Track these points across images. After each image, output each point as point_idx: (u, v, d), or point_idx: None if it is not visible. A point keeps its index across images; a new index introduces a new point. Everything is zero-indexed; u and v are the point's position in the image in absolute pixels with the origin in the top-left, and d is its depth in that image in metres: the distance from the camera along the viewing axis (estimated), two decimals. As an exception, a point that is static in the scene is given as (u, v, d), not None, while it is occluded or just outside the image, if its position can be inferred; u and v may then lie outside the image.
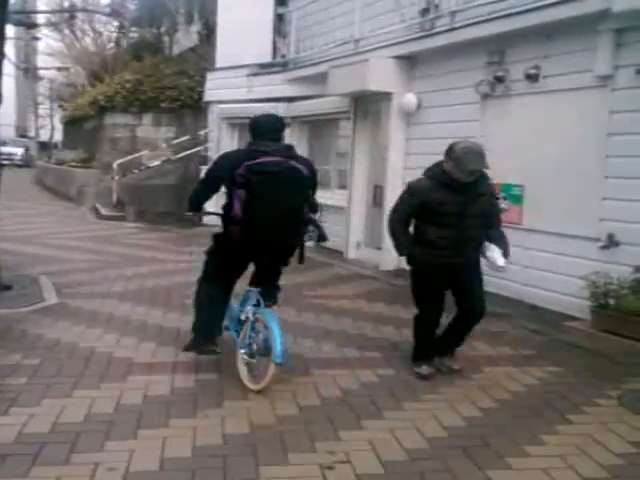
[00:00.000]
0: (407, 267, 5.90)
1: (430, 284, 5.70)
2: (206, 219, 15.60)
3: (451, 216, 5.45)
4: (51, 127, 47.71)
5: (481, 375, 5.84)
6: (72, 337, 6.50)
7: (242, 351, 5.46)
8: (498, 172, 8.70)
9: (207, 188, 5.63)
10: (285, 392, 5.23)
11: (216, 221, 5.78)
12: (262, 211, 5.20)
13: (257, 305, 5.54)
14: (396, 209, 5.76)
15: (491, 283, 8.78)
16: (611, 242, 7.25)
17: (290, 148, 5.64)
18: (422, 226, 5.65)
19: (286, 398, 5.11)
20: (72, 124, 28.76)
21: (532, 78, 8.24)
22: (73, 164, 24.06)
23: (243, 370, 5.41)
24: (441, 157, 9.53)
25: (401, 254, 5.80)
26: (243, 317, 5.62)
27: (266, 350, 5.20)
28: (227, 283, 5.81)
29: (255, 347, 5.36)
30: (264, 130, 5.59)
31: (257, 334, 5.40)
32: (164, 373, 5.58)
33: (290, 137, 13.92)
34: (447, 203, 5.45)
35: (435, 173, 5.60)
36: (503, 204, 8.58)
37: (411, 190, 5.69)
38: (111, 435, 4.35)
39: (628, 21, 7.00)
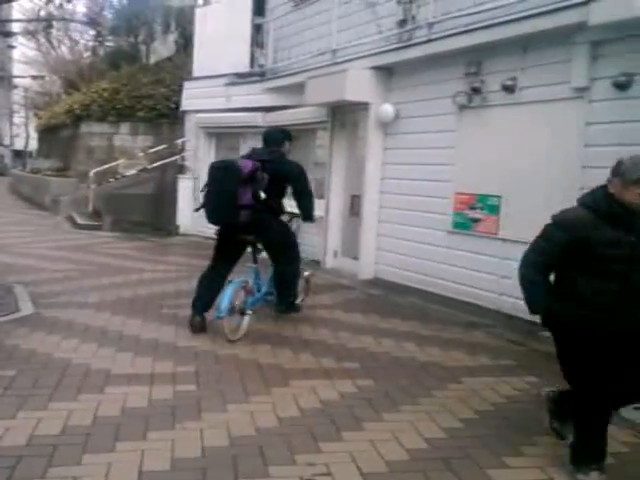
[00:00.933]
0: (543, 329, 4.49)
1: (586, 355, 4.05)
2: (182, 229, 15.67)
3: (617, 262, 3.91)
4: (26, 135, 47.38)
5: (460, 386, 5.84)
6: (48, 348, 6.42)
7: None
8: (475, 182, 8.82)
9: None
10: (264, 404, 5.20)
11: (191, 230, 7.18)
12: (207, 196, 7.02)
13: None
14: (535, 249, 4.23)
15: (467, 292, 8.87)
16: (588, 253, 7.26)
17: (272, 152, 7.31)
18: (570, 275, 4.08)
19: (265, 410, 5.07)
20: (47, 133, 28.54)
21: (509, 89, 8.30)
22: (48, 173, 23.88)
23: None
24: (418, 167, 9.74)
25: (534, 312, 4.26)
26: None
27: (239, 309, 7.00)
28: (215, 263, 7.39)
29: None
30: (266, 139, 7.56)
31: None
32: (142, 384, 5.52)
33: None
34: (614, 244, 3.90)
35: (596, 200, 4.05)
36: (480, 214, 8.66)
37: (559, 224, 4.13)
38: (88, 448, 4.29)
39: (604, 34, 7.07)
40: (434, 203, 9.46)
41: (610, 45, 7.16)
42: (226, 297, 6.73)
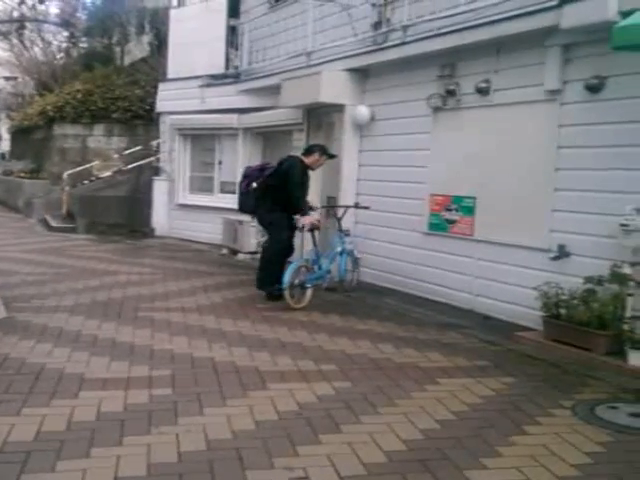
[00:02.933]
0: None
1: None
2: (158, 231, 15.57)
3: None
4: (-2, 137, 46.80)
5: (436, 387, 5.84)
6: (21, 352, 6.34)
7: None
8: (450, 184, 8.86)
9: None
10: (241, 407, 5.17)
11: (167, 233, 7.21)
12: None
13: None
14: None
15: (443, 293, 8.91)
16: (562, 253, 7.35)
17: (291, 157, 9.42)
18: None
19: (242, 413, 5.04)
20: (20, 134, 28.21)
21: (483, 92, 8.36)
22: (21, 175, 23.62)
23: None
24: (394, 168, 9.77)
25: None
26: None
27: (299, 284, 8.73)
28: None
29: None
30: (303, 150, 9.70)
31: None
32: (117, 389, 5.47)
33: (244, 148, 13.94)
34: None
35: None
36: (455, 215, 8.70)
37: None
38: (63, 454, 4.23)
39: (576, 37, 7.13)
40: (410, 205, 9.49)
41: (582, 48, 7.23)
42: (287, 274, 8.45)
